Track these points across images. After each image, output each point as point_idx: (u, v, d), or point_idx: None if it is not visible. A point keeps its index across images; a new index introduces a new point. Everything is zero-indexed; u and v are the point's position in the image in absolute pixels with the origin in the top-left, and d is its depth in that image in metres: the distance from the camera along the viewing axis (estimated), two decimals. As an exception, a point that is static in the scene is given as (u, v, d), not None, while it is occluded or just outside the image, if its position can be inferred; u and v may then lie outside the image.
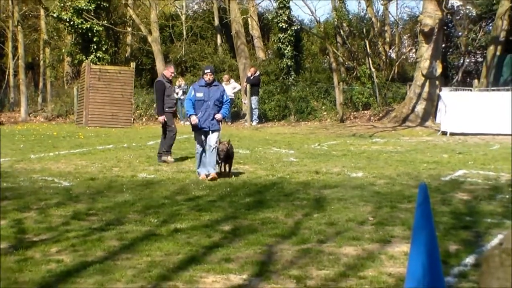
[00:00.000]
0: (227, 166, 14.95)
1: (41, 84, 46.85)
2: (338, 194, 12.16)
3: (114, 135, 26.49)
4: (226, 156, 14.64)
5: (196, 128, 14.64)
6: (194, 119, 14.45)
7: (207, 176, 14.20)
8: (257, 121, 33.77)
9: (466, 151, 19.61)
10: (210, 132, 14.51)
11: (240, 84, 35.61)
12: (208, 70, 14.68)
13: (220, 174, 14.58)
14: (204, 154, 14.54)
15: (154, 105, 33.69)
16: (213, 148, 14.40)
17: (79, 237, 8.76)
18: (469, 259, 7.66)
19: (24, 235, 9.00)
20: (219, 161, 14.69)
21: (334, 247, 8.28)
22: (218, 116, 14.62)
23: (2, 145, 21.61)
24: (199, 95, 14.51)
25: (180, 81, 35.81)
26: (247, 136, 25.42)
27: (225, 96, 14.88)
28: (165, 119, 17.31)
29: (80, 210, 10.74)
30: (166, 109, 17.43)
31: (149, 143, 22.54)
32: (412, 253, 4.21)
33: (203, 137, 14.58)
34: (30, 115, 41.80)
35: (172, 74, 17.99)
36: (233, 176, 14.58)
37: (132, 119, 35.11)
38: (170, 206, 11.06)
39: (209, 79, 14.55)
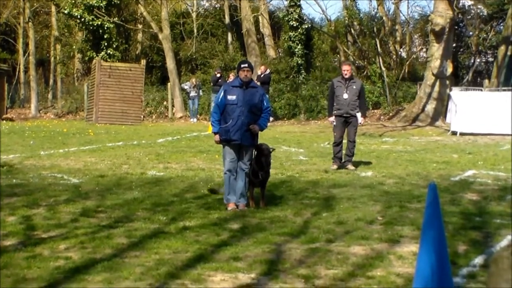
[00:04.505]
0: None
1: (51, 81, 47.02)
2: (347, 193, 12.14)
3: (124, 132, 26.51)
4: (266, 172, 11.17)
5: (224, 140, 11.02)
6: (217, 138, 11.08)
7: (237, 206, 10.92)
8: (267, 120, 33.69)
9: (476, 151, 19.54)
10: (242, 147, 11.02)
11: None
12: (246, 65, 11.13)
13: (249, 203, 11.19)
14: (234, 176, 11.00)
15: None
16: (245, 173, 11.04)
17: (88, 234, 8.77)
18: (478, 260, 7.62)
19: (33, 231, 9.02)
20: (256, 180, 11.18)
21: (343, 246, 8.26)
22: (254, 127, 10.98)
23: (12, 141, 21.69)
24: (231, 97, 10.91)
25: (194, 80, 35.66)
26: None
27: (265, 102, 11.19)
28: (333, 121, 15.80)
29: (89, 207, 10.75)
30: (335, 111, 15.71)
31: (159, 140, 22.57)
32: (421, 253, 4.21)
33: (233, 153, 11.00)
34: (40, 111, 41.96)
35: (345, 72, 15.52)
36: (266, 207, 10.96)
37: (142, 116, 35.16)
38: (179, 204, 11.06)
39: (246, 76, 10.96)
